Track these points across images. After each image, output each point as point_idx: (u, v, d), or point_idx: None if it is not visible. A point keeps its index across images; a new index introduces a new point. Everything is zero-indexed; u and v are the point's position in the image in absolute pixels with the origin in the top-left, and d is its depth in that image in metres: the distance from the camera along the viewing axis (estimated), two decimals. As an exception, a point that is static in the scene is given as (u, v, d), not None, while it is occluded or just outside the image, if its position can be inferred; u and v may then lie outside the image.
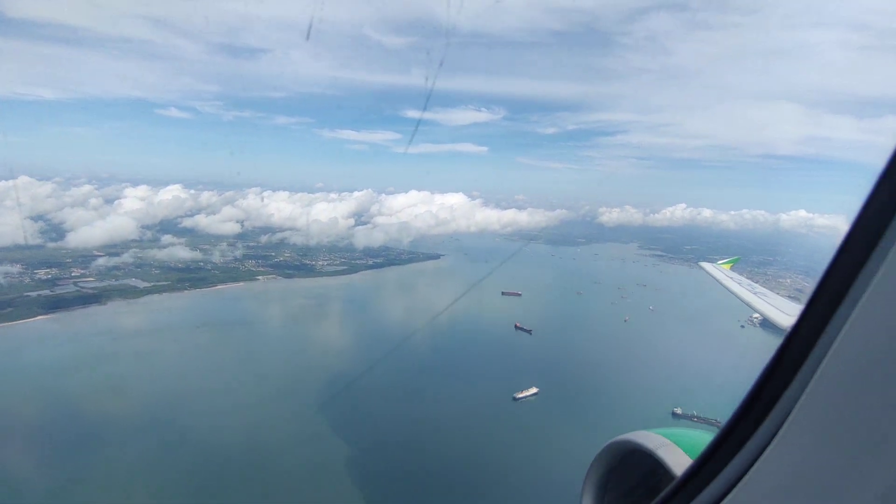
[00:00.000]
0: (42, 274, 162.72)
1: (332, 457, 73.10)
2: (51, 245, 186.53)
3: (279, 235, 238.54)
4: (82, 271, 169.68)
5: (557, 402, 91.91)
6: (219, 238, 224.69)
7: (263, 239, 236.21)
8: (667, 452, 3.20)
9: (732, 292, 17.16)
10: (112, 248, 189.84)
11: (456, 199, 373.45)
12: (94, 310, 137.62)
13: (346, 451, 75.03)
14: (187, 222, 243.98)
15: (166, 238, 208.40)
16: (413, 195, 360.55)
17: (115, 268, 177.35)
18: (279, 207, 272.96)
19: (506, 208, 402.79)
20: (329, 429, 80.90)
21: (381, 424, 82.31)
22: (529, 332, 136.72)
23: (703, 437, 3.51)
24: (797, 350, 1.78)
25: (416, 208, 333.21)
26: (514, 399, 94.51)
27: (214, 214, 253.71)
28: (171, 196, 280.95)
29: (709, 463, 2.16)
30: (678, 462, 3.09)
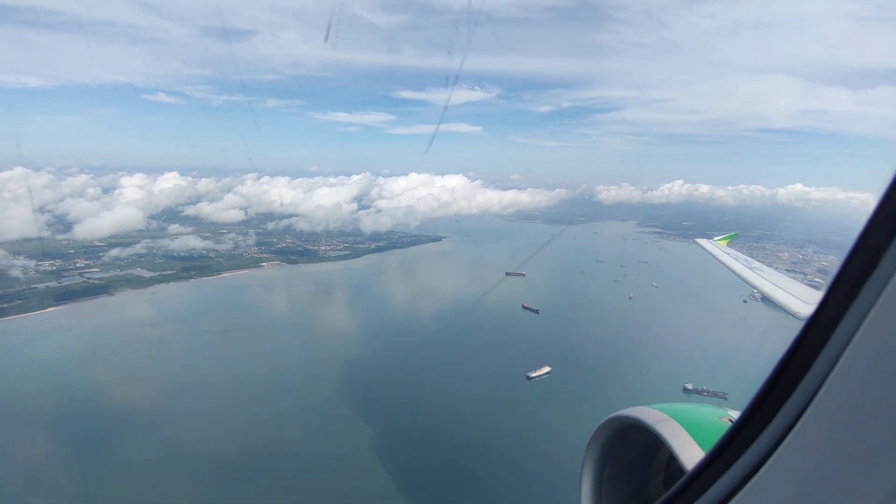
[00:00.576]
0: (47, 265, 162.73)
1: (363, 440, 75.06)
2: (60, 237, 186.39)
3: (285, 222, 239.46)
4: (87, 262, 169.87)
5: (570, 380, 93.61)
6: (224, 226, 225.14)
7: (270, 226, 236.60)
8: (665, 427, 3.25)
9: (730, 268, 17.11)
10: (120, 239, 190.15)
11: (456, 181, 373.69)
12: (103, 300, 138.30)
13: (378, 432, 77.20)
14: (189, 210, 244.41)
15: (173, 227, 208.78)
16: (413, 178, 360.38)
17: (119, 258, 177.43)
18: (280, 193, 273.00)
19: (504, 188, 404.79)
20: (357, 412, 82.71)
21: (400, 407, 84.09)
22: (537, 311, 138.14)
23: (701, 412, 3.66)
24: (813, 341, 1.74)
25: (417, 191, 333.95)
26: (529, 378, 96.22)
27: (216, 202, 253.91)
28: (171, 184, 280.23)
29: (722, 454, 2.10)
30: (676, 436, 3.15)
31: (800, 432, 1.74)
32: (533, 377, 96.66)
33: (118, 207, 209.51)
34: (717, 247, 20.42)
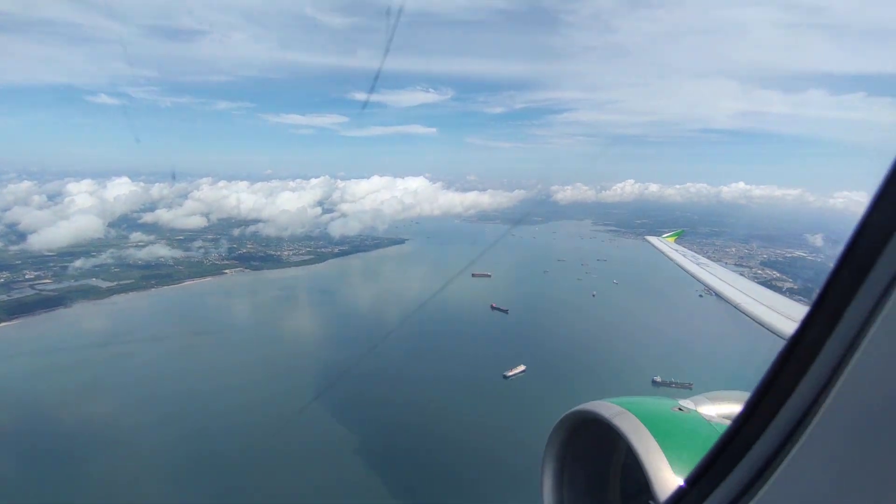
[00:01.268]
0: None
1: (341, 445, 75.57)
2: (13, 249, 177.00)
3: (252, 228, 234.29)
4: (38, 273, 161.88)
5: (546, 378, 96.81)
6: (186, 233, 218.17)
7: (236, 231, 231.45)
8: (622, 420, 3.36)
9: (678, 265, 17.55)
10: (79, 248, 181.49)
11: (417, 183, 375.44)
12: (59, 313, 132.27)
13: (356, 435, 77.79)
14: (147, 217, 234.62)
15: (135, 235, 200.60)
16: (375, 181, 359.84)
17: (74, 268, 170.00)
18: (241, 198, 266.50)
19: (464, 190, 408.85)
20: (333, 417, 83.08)
21: (386, 408, 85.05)
22: (506, 311, 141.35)
23: (655, 403, 3.85)
24: (799, 360, 1.67)
25: (380, 194, 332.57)
26: (505, 377, 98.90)
27: (176, 208, 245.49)
28: (124, 190, 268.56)
29: (709, 472, 2.07)
30: (632, 428, 3.27)
31: (786, 462, 1.69)
32: (509, 376, 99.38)
33: (76, 216, 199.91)
34: (665, 244, 21.01)
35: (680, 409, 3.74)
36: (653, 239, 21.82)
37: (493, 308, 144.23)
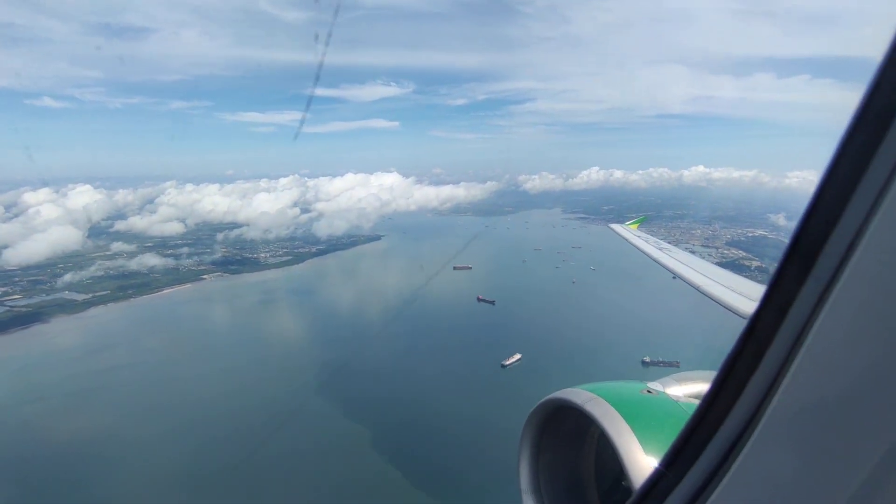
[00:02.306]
0: None
1: (350, 442, 77.18)
2: None
3: (237, 231, 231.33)
4: (5, 289, 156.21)
5: (542, 365, 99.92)
6: (165, 240, 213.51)
7: (220, 236, 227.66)
8: (594, 406, 3.43)
9: (641, 250, 17.65)
10: (59, 261, 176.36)
11: (391, 179, 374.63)
12: (37, 329, 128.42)
13: (365, 431, 79.60)
14: (120, 226, 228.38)
15: (116, 245, 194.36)
16: (349, 178, 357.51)
17: (41, 282, 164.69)
18: (215, 202, 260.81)
19: (436, 184, 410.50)
20: (337, 415, 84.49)
21: (389, 404, 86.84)
22: (492, 302, 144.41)
23: (625, 388, 3.92)
24: (759, 340, 1.70)
25: (354, 191, 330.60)
26: (503, 366, 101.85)
27: (148, 215, 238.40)
28: (89, 199, 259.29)
29: (681, 454, 2.09)
30: (604, 413, 3.36)
31: (751, 441, 1.73)
32: (507, 365, 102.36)
33: (52, 227, 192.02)
34: (628, 231, 21.40)
35: (648, 391, 3.92)
36: (616, 227, 22.11)
37: (479, 300, 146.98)
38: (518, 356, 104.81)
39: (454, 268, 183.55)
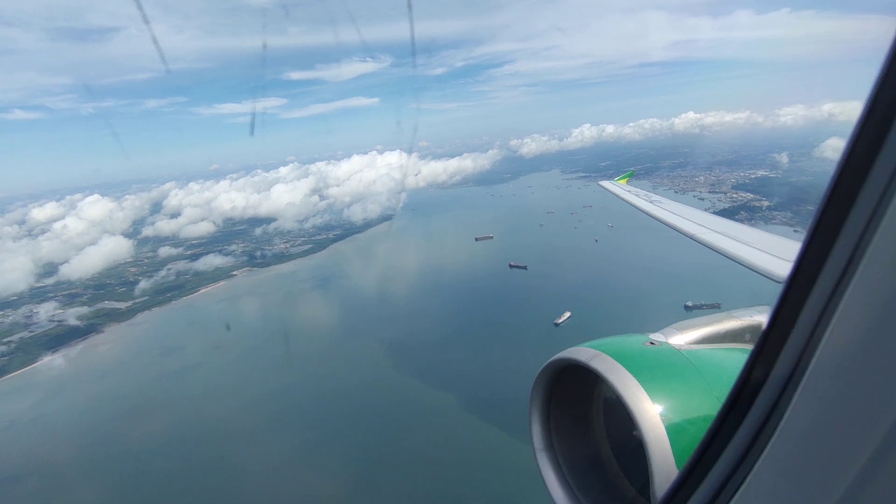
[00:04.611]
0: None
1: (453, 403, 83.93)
2: (48, 280, 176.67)
3: (274, 225, 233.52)
4: (37, 308, 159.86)
5: (592, 320, 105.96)
6: (200, 240, 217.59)
7: (258, 231, 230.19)
8: (599, 362, 3.48)
9: (632, 204, 17.76)
10: (113, 272, 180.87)
11: (395, 157, 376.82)
12: (97, 339, 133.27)
13: (463, 395, 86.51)
14: (147, 231, 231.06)
15: (163, 250, 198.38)
16: (356, 161, 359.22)
17: (76, 294, 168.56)
18: (231, 198, 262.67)
19: (447, 157, 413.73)
20: (444, 382, 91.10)
21: (473, 369, 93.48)
22: (525, 267, 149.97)
23: (627, 341, 4.02)
24: (777, 338, 1.71)
25: (363, 174, 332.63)
26: (556, 325, 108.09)
27: (177, 217, 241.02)
28: (102, 208, 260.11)
29: (699, 464, 2.13)
30: (609, 368, 3.40)
31: (770, 443, 1.75)
32: (559, 323, 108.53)
33: (104, 239, 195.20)
34: (618, 186, 21.46)
35: (651, 342, 3.98)
36: (605, 183, 22.10)
37: (511, 266, 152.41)
38: (568, 314, 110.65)
39: (476, 238, 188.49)
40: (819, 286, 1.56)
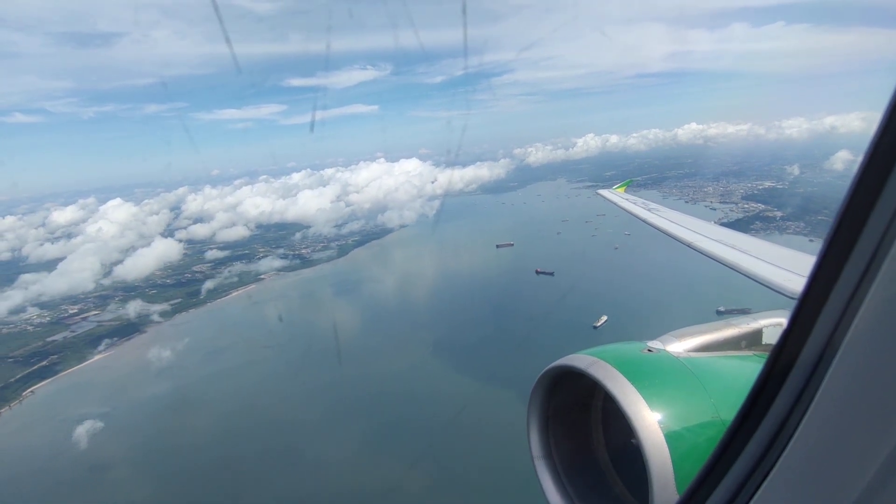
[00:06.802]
0: (35, 317, 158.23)
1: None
2: (105, 281, 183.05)
3: (313, 230, 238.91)
4: (75, 308, 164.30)
5: (628, 322, 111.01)
6: (238, 245, 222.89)
7: (297, 236, 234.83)
8: (597, 369, 3.47)
9: (630, 212, 17.76)
10: (168, 273, 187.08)
11: (413, 165, 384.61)
12: (141, 339, 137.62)
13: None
14: (181, 235, 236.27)
15: (211, 253, 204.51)
16: (375, 168, 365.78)
17: (107, 297, 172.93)
18: (256, 203, 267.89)
19: (463, 166, 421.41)
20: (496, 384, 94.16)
21: (525, 371, 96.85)
22: (552, 273, 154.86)
23: (624, 349, 4.12)
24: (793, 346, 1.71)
25: (382, 181, 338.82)
26: (595, 328, 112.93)
27: (208, 221, 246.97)
28: (126, 211, 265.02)
29: (715, 467, 2.12)
30: (607, 375, 3.39)
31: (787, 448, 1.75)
32: (598, 326, 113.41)
33: (156, 241, 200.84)
34: (616, 195, 21.36)
35: (649, 350, 4.02)
36: (604, 192, 21.99)
37: (538, 272, 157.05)
38: (605, 317, 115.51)
39: (497, 246, 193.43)
40: (836, 294, 1.57)
